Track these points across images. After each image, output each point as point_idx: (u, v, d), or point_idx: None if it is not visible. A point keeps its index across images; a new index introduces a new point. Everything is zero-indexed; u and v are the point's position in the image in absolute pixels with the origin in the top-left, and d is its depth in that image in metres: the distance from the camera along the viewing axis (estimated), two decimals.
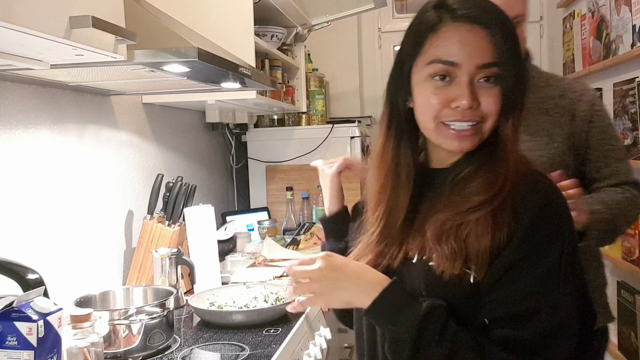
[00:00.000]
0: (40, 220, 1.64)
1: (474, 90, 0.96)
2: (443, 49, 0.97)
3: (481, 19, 0.96)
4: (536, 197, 0.95)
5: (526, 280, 0.93)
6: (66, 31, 1.04)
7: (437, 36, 0.98)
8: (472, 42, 0.96)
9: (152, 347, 1.47)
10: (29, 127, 1.61)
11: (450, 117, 0.98)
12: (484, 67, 0.95)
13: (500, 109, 0.97)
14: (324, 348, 1.73)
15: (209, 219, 2.08)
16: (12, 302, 1.10)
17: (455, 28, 0.97)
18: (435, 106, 0.98)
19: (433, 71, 0.98)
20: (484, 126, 0.98)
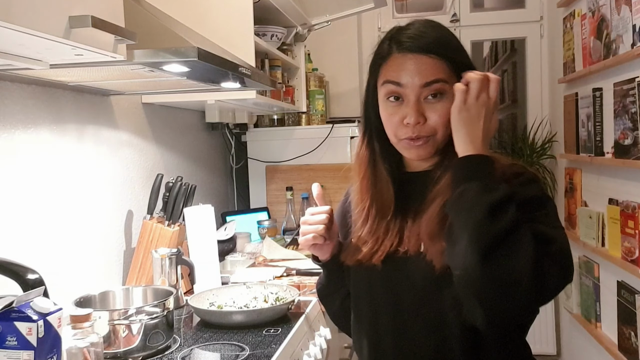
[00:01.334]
0: (40, 220, 1.64)
1: (421, 108, 1.12)
2: (391, 73, 1.15)
3: (423, 47, 1.13)
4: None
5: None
6: (66, 31, 1.04)
7: (387, 64, 1.16)
8: (414, 66, 1.12)
9: (152, 347, 1.47)
10: (29, 127, 1.61)
11: (404, 135, 1.14)
12: (427, 85, 1.11)
13: (448, 121, 1.10)
14: (324, 348, 1.73)
15: (208, 219, 2.08)
16: (12, 302, 1.10)
17: (401, 57, 1.14)
18: (393, 124, 1.15)
19: (386, 91, 1.16)
20: (435, 138, 1.14)
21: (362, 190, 1.25)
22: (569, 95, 3.19)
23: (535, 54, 3.87)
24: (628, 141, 2.35)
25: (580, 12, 2.96)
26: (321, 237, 1.21)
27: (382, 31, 3.94)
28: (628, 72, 2.39)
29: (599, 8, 2.68)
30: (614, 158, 2.50)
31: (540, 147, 3.69)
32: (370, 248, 1.20)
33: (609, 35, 2.56)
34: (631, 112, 2.31)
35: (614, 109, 2.49)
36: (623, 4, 2.38)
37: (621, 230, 2.45)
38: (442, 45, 1.14)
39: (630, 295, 2.43)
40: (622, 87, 2.40)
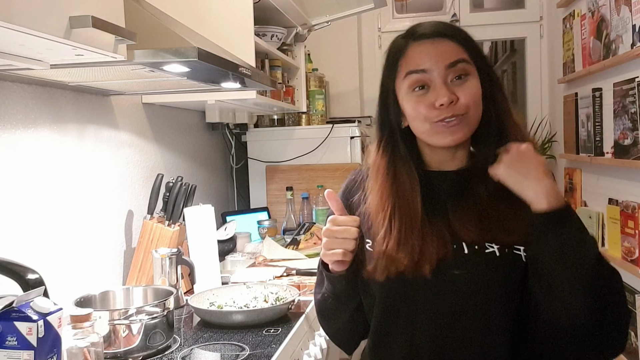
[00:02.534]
0: (40, 220, 1.64)
1: (450, 88, 1.10)
2: (413, 62, 1.13)
3: (439, 33, 1.13)
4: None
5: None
6: (66, 31, 1.04)
7: (407, 56, 1.14)
8: (435, 50, 1.11)
9: (152, 347, 1.47)
10: (29, 127, 1.61)
11: (439, 117, 1.10)
12: (451, 66, 1.10)
13: (478, 97, 1.11)
14: (324, 348, 1.73)
15: (209, 219, 2.08)
16: (12, 302, 1.10)
17: (419, 45, 1.13)
18: (424, 111, 1.11)
19: (410, 83, 1.12)
20: (469, 116, 1.11)
21: (382, 197, 1.17)
22: (568, 96, 3.19)
23: (535, 54, 3.87)
24: (628, 141, 2.35)
25: (580, 13, 2.97)
26: (350, 254, 1.12)
27: (382, 31, 3.95)
28: (628, 72, 2.39)
29: (599, 8, 2.68)
30: (614, 158, 2.50)
31: (540, 147, 3.69)
32: (411, 258, 1.11)
33: (609, 36, 2.56)
34: (631, 112, 2.31)
35: (613, 109, 2.49)
36: (623, 4, 2.38)
37: (621, 230, 2.45)
38: (457, 32, 1.14)
39: (630, 295, 2.43)
40: (621, 87, 2.40)
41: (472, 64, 1.12)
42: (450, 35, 1.13)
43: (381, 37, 3.95)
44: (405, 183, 1.16)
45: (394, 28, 3.93)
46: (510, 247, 1.10)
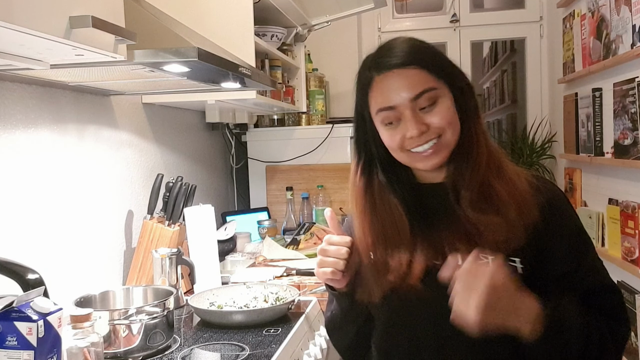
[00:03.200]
0: (40, 220, 1.64)
1: (419, 118, 1.11)
2: (380, 99, 1.14)
3: (403, 62, 1.12)
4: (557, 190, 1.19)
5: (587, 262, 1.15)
6: (66, 31, 1.04)
7: (373, 90, 1.15)
8: (399, 83, 1.11)
9: (152, 347, 1.47)
10: (29, 127, 1.61)
11: (411, 145, 1.12)
12: (417, 97, 1.10)
13: (451, 118, 1.12)
14: (324, 348, 1.73)
15: (209, 219, 2.08)
16: (12, 302, 1.10)
17: (383, 79, 1.13)
18: (397, 142, 1.13)
19: (381, 119, 1.15)
20: (443, 140, 1.12)
21: (362, 224, 1.19)
22: (568, 96, 3.19)
23: (535, 54, 3.87)
24: (628, 141, 2.35)
25: (580, 13, 2.96)
26: (339, 273, 1.15)
27: (383, 31, 3.95)
28: (628, 72, 2.39)
29: (599, 8, 2.68)
30: (614, 158, 2.50)
31: (540, 147, 3.69)
32: (397, 271, 1.13)
33: (609, 36, 2.56)
34: (631, 112, 2.31)
35: (613, 109, 2.49)
36: (623, 4, 2.38)
37: (621, 230, 2.45)
38: (417, 55, 1.13)
39: (630, 295, 2.43)
40: (621, 87, 2.40)
41: (439, 87, 1.11)
42: (415, 62, 1.11)
43: (381, 37, 3.95)
44: (385, 208, 1.17)
45: (394, 28, 3.93)
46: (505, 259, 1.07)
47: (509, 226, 1.08)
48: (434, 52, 1.16)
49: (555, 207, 1.13)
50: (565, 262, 1.12)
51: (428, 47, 1.16)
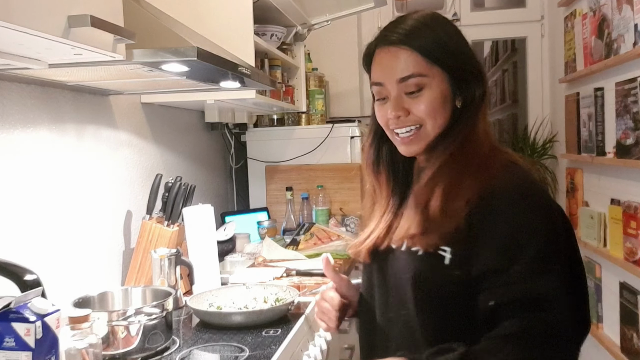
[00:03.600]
0: (38, 221, 1.63)
1: (400, 102, 1.11)
2: (374, 74, 1.16)
3: (396, 39, 1.11)
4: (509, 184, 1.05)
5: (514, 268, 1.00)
6: (65, 30, 1.04)
7: (373, 62, 1.16)
8: (390, 63, 1.12)
9: (150, 348, 1.46)
10: (28, 127, 1.60)
11: (393, 126, 1.14)
12: (403, 81, 1.10)
13: (434, 109, 1.10)
14: (323, 349, 1.72)
15: (208, 219, 2.07)
16: (9, 303, 1.10)
17: (380, 53, 1.14)
18: (383, 120, 1.16)
19: (374, 93, 1.17)
20: (422, 130, 1.12)
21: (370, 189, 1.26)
22: (570, 95, 3.18)
23: (536, 54, 3.86)
24: (630, 141, 2.34)
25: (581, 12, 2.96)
26: (333, 326, 1.26)
27: None
28: (629, 71, 2.38)
29: (600, 7, 2.67)
30: (616, 158, 2.49)
31: (541, 147, 3.69)
32: (359, 243, 1.22)
33: (610, 35, 2.55)
34: (633, 112, 2.30)
35: (615, 108, 2.49)
36: (624, 3, 2.37)
37: (623, 230, 2.44)
38: (416, 36, 1.11)
39: (633, 296, 2.42)
40: (623, 87, 2.39)
41: (430, 75, 1.09)
42: (410, 44, 1.10)
43: None
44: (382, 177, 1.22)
45: None
46: (436, 248, 1.06)
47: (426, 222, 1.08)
48: (439, 34, 1.12)
49: (489, 203, 1.03)
50: (488, 261, 1.01)
51: (435, 27, 1.13)
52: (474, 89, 1.12)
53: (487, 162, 1.08)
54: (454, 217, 1.03)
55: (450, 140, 1.11)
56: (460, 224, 1.03)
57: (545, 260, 0.99)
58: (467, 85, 1.12)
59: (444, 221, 1.04)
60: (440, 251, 1.05)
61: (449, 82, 1.11)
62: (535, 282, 0.98)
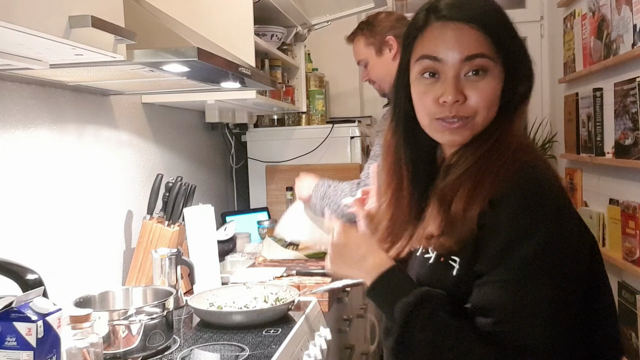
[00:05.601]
0: (39, 220, 1.63)
1: (459, 85, 0.99)
2: (428, 47, 1.02)
3: (465, 15, 1.00)
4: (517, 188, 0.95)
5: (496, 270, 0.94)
6: (65, 31, 1.04)
7: (424, 36, 1.04)
8: (454, 38, 1.00)
9: (151, 348, 1.46)
10: (28, 127, 1.61)
11: (440, 114, 1.02)
12: (468, 60, 0.99)
13: (491, 100, 1.00)
14: (324, 348, 1.73)
15: (208, 219, 2.08)
16: (11, 302, 1.10)
17: (440, 27, 1.02)
18: (427, 104, 1.03)
19: (421, 68, 1.03)
20: (474, 121, 1.01)
21: (385, 181, 1.16)
22: (569, 96, 3.19)
23: (536, 54, 3.85)
24: (628, 141, 2.35)
25: (581, 12, 2.96)
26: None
27: None
28: (628, 72, 2.39)
29: (600, 8, 2.67)
30: (615, 158, 2.50)
31: (540, 147, 3.70)
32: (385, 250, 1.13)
33: (610, 35, 2.56)
34: (632, 112, 2.31)
35: (614, 109, 2.49)
36: (623, 4, 2.37)
37: (622, 230, 2.45)
38: (486, 17, 1.00)
39: (631, 295, 2.43)
40: (622, 87, 2.40)
41: (494, 59, 0.99)
42: (478, 22, 0.99)
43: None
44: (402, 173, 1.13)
45: None
46: (448, 254, 1.00)
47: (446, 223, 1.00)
48: (506, 19, 1.03)
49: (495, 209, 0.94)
50: (481, 263, 0.96)
51: (501, 11, 1.03)
52: (521, 86, 1.04)
53: (508, 163, 0.98)
54: (470, 222, 0.96)
55: (486, 137, 1.02)
56: (473, 230, 0.96)
57: (532, 267, 0.91)
58: (517, 80, 1.03)
59: (462, 225, 0.97)
60: (450, 260, 1.00)
61: (505, 73, 1.02)
62: (511, 290, 0.92)
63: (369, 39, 2.22)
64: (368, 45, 2.22)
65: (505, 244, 0.93)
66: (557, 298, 0.92)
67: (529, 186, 0.95)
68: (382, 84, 2.25)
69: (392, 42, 2.19)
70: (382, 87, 2.26)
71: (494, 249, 0.94)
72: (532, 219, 0.93)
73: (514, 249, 0.92)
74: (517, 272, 0.92)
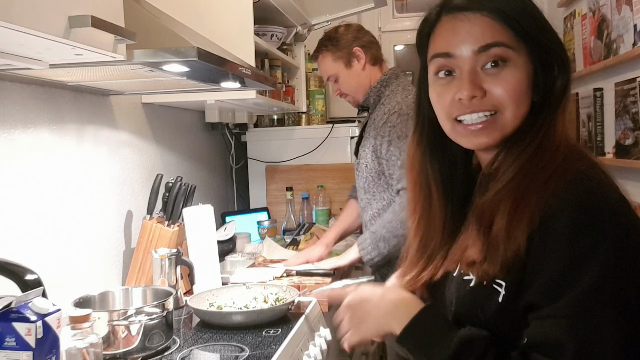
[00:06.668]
0: (39, 221, 1.63)
1: (476, 79, 0.90)
2: (439, 43, 0.95)
3: (475, 4, 0.91)
4: (571, 203, 0.82)
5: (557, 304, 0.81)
6: (65, 31, 1.03)
7: (435, 33, 0.96)
8: (465, 29, 0.91)
9: (151, 348, 1.46)
10: (28, 127, 1.60)
11: (458, 112, 0.93)
12: (482, 50, 0.90)
13: (517, 92, 0.90)
14: (324, 349, 1.73)
15: (208, 219, 2.07)
16: (10, 302, 1.10)
17: (449, 20, 0.94)
18: (444, 105, 0.95)
19: (435, 67, 0.96)
20: (501, 117, 0.91)
21: (413, 199, 1.05)
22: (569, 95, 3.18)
23: None
24: (629, 141, 2.35)
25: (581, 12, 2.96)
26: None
27: (383, 31, 3.94)
28: (629, 72, 2.38)
29: (600, 8, 2.67)
30: (615, 158, 2.49)
31: None
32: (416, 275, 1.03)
33: (610, 35, 2.55)
34: (632, 112, 2.31)
35: (614, 109, 2.49)
36: (624, 3, 2.37)
37: None
38: (501, 2, 0.90)
39: None
40: (622, 87, 2.40)
41: (515, 48, 0.89)
42: (490, 9, 0.89)
43: (381, 37, 3.94)
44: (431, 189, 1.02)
45: (394, 28, 3.92)
46: (492, 279, 0.88)
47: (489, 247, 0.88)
48: (525, 4, 0.92)
49: (546, 227, 0.83)
50: (533, 297, 0.84)
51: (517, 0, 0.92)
52: (557, 78, 0.92)
53: (557, 172, 0.86)
54: (515, 244, 0.84)
55: (528, 141, 0.90)
56: (520, 250, 0.84)
57: (594, 299, 0.79)
58: (551, 71, 0.92)
59: (507, 247, 0.85)
60: (495, 285, 0.87)
61: (533, 63, 0.91)
62: (575, 323, 0.79)
63: (336, 54, 2.24)
64: (336, 60, 2.24)
65: (561, 272, 0.81)
66: (625, 330, 0.79)
67: (584, 200, 0.82)
68: (356, 94, 2.28)
69: (359, 53, 2.23)
70: (356, 98, 2.29)
71: (550, 278, 0.82)
72: (590, 240, 0.80)
73: (573, 279, 0.80)
74: (580, 307, 0.80)
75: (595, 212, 0.82)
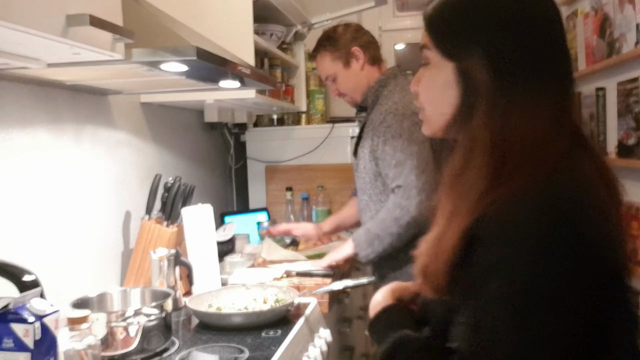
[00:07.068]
0: (36, 221, 1.62)
1: (418, 74, 0.98)
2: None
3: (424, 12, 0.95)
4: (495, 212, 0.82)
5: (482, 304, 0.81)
6: (63, 30, 1.03)
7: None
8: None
9: (149, 350, 1.45)
10: (26, 127, 1.59)
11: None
12: (420, 50, 0.96)
13: (430, 93, 0.94)
14: (324, 350, 1.72)
15: (207, 219, 2.06)
16: (8, 303, 1.09)
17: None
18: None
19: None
20: (424, 114, 0.97)
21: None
22: None
23: None
24: (631, 141, 2.34)
25: (583, 11, 2.95)
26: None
27: (383, 30, 3.93)
28: (631, 71, 2.37)
29: (602, 7, 2.66)
30: (617, 158, 2.48)
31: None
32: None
33: (612, 34, 2.54)
34: (634, 112, 2.30)
35: (617, 108, 2.48)
36: (626, 2, 2.36)
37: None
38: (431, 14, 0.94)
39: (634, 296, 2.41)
40: (625, 87, 2.39)
41: (435, 49, 0.92)
42: (424, 15, 0.95)
43: (382, 36, 3.93)
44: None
45: (394, 27, 3.91)
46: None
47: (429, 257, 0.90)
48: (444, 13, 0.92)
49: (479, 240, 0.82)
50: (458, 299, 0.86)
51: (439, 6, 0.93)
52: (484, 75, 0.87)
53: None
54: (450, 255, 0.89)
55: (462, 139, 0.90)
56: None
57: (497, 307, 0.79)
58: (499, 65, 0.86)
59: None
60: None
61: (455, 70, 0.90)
62: (474, 331, 0.81)
63: (335, 53, 2.23)
64: (335, 60, 2.23)
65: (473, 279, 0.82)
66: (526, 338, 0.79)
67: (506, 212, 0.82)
68: (354, 95, 2.26)
69: (357, 53, 2.22)
70: (354, 98, 2.27)
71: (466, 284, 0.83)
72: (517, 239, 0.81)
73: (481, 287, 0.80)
74: (482, 314, 0.81)
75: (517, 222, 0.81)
